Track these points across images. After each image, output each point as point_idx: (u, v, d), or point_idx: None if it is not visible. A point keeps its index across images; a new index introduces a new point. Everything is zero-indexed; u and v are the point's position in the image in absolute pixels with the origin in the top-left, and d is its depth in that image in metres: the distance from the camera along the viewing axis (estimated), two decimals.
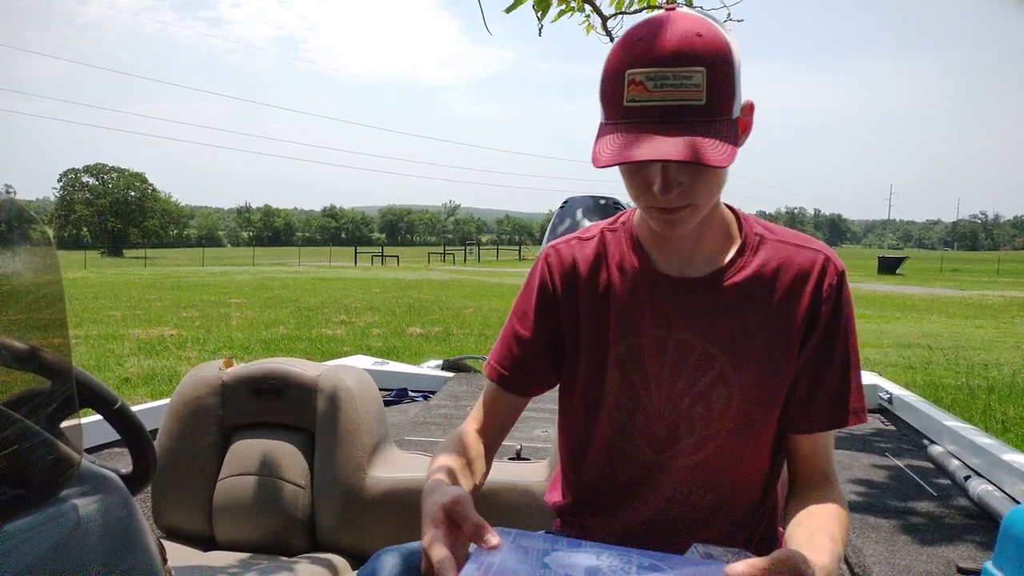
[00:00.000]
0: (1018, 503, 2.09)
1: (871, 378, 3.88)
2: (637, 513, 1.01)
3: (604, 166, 0.81)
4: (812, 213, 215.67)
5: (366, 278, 22.84)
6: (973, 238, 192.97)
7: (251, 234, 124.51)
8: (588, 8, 3.22)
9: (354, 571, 1.76)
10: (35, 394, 0.87)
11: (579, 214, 3.69)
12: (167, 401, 1.94)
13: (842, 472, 2.63)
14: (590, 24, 3.31)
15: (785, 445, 1.01)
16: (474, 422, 1.06)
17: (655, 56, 0.79)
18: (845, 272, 0.96)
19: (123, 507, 0.93)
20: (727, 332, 0.94)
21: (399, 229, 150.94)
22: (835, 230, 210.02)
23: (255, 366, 1.87)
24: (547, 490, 1.21)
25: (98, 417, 1.09)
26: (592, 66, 0.96)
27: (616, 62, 0.83)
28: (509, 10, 2.82)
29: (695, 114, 0.80)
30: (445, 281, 21.64)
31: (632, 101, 0.81)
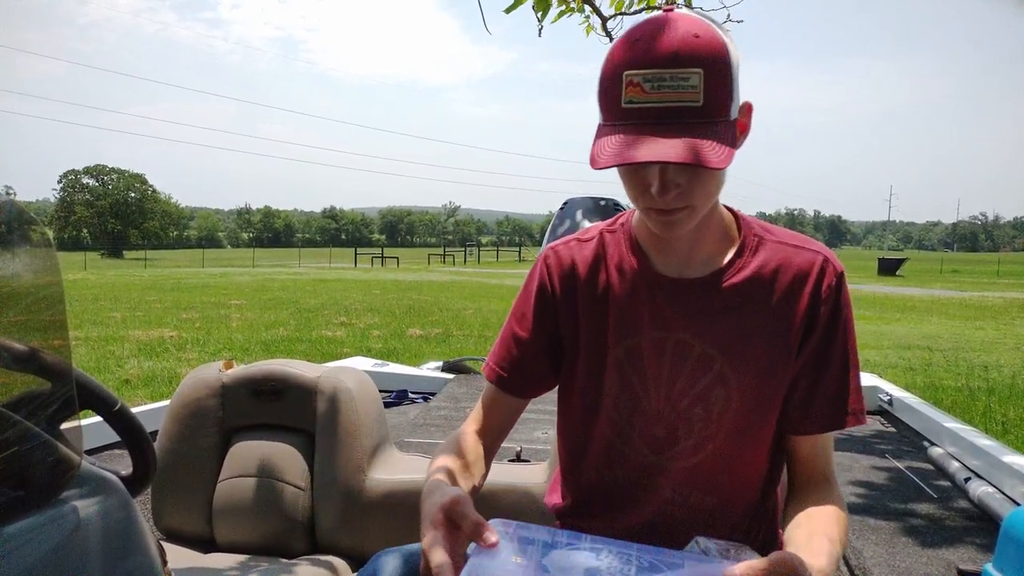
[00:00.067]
0: (1018, 505, 2.08)
1: (871, 379, 3.87)
2: (636, 515, 1.01)
3: (602, 168, 0.81)
4: (812, 214, 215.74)
5: (366, 279, 22.83)
6: (973, 239, 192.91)
7: (251, 235, 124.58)
8: (588, 9, 3.22)
9: (354, 573, 1.76)
10: (35, 396, 0.87)
11: (579, 215, 3.70)
12: (167, 403, 1.94)
13: (842, 474, 2.63)
14: (590, 25, 3.32)
15: (784, 447, 1.01)
16: (473, 423, 1.05)
17: (652, 57, 0.79)
18: (844, 273, 0.96)
19: (123, 509, 0.93)
20: (726, 333, 0.94)
21: (399, 230, 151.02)
22: (835, 231, 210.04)
23: (255, 368, 1.87)
24: (547, 492, 1.21)
25: (98, 419, 1.09)
26: (592, 67, 0.96)
27: (614, 63, 0.83)
28: (509, 10, 2.82)
29: (692, 115, 0.80)
30: (445, 282, 21.64)
31: (630, 103, 0.81)
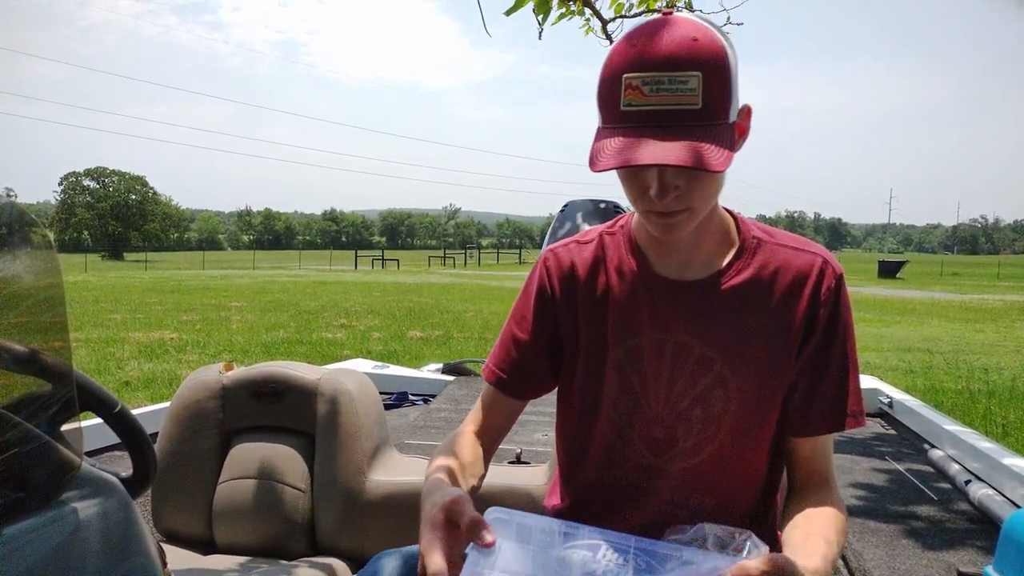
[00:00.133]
0: (1019, 507, 2.08)
1: (871, 382, 3.87)
2: (636, 516, 1.01)
3: (601, 170, 0.81)
4: (812, 217, 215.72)
5: (366, 282, 22.83)
6: (973, 242, 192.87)
7: (251, 237, 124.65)
8: (588, 11, 3.23)
9: (354, 575, 1.76)
10: (35, 397, 0.87)
11: (579, 218, 3.70)
12: (167, 404, 1.94)
13: (842, 476, 2.63)
14: (590, 27, 3.32)
15: (784, 448, 1.01)
16: (472, 424, 1.06)
17: (651, 60, 0.80)
18: (843, 275, 0.96)
19: (123, 510, 0.93)
20: (725, 335, 0.94)
21: (399, 233, 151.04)
22: (835, 234, 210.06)
23: (255, 369, 1.88)
24: (546, 494, 1.21)
25: (98, 420, 1.09)
26: (591, 70, 0.96)
27: (613, 66, 0.83)
28: (509, 12, 2.82)
29: (691, 118, 0.80)
30: (445, 285, 21.64)
31: (629, 105, 0.81)
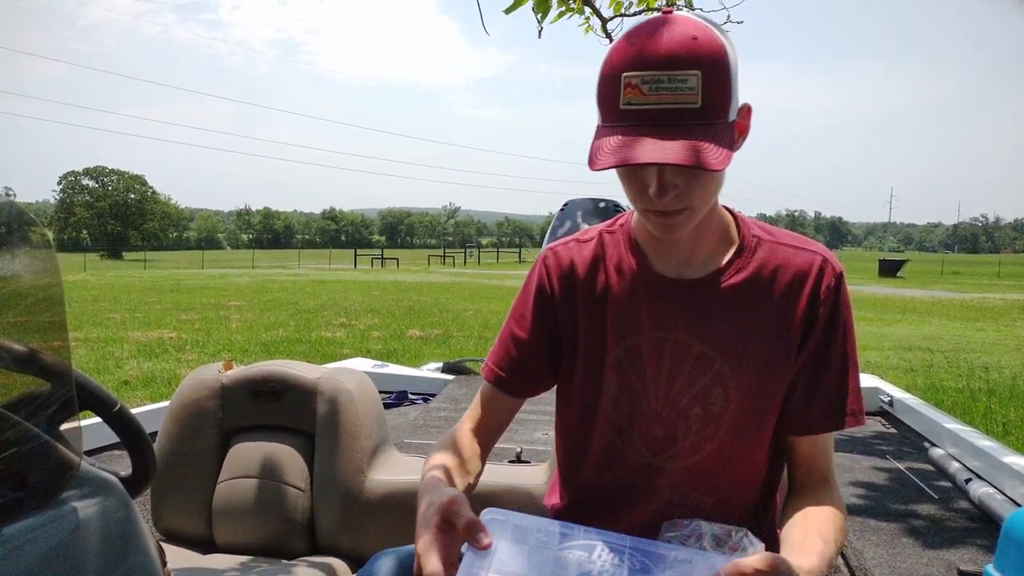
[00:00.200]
0: (1019, 506, 2.08)
1: (872, 381, 3.87)
2: (635, 515, 1.01)
3: (600, 169, 0.81)
4: (813, 216, 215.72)
5: (366, 281, 22.83)
6: (974, 241, 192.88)
7: (251, 236, 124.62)
8: (587, 10, 3.23)
9: (353, 574, 1.75)
10: (35, 396, 0.87)
11: (579, 216, 3.69)
12: (167, 404, 1.94)
13: (843, 475, 2.63)
14: (589, 26, 3.32)
15: (784, 447, 1.01)
16: (470, 421, 1.06)
17: (650, 59, 0.79)
18: (843, 274, 0.96)
19: (122, 510, 0.93)
20: (725, 334, 0.94)
21: (399, 232, 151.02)
22: (836, 233, 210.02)
23: (255, 368, 1.87)
24: (546, 493, 1.21)
25: (97, 420, 1.09)
26: (591, 69, 0.96)
27: (612, 65, 0.83)
28: (509, 11, 2.81)
29: (691, 117, 0.80)
30: (445, 283, 21.63)
31: (628, 104, 0.81)
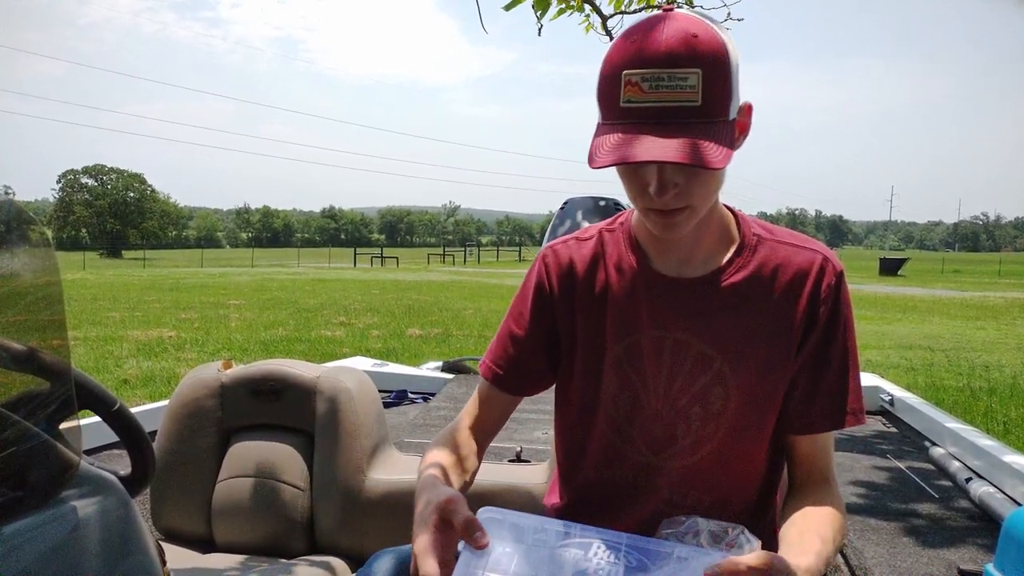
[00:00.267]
0: (1019, 505, 2.08)
1: (872, 380, 3.86)
2: (635, 514, 1.00)
3: (599, 167, 0.81)
4: (813, 214, 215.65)
5: (365, 279, 22.83)
6: (974, 239, 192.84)
7: (250, 235, 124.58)
8: (587, 7, 3.22)
9: (353, 573, 1.75)
10: (34, 395, 0.87)
11: (579, 215, 3.69)
12: (166, 403, 1.94)
13: (843, 474, 2.63)
14: (589, 24, 3.31)
15: (784, 446, 1.01)
16: (467, 419, 1.06)
17: (651, 57, 0.79)
18: (843, 272, 0.96)
19: (122, 509, 0.93)
20: (725, 333, 0.94)
21: (398, 230, 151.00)
22: (836, 231, 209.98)
23: (254, 368, 1.87)
24: (546, 492, 1.21)
25: (97, 419, 1.09)
26: (591, 67, 0.95)
27: (613, 63, 0.82)
28: (508, 7, 2.80)
29: (691, 115, 0.79)
30: (445, 282, 21.64)
31: (628, 102, 0.80)
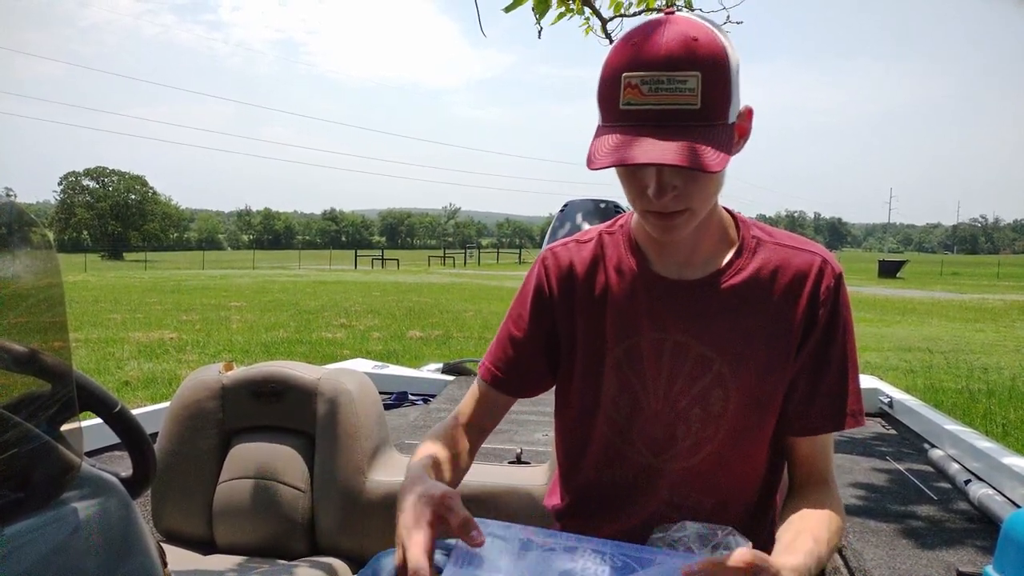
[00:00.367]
0: (1018, 507, 2.08)
1: (871, 382, 3.86)
2: (634, 516, 1.01)
3: (598, 168, 0.81)
4: (812, 216, 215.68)
5: (366, 281, 22.83)
6: (973, 242, 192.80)
7: (251, 237, 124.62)
8: (587, 11, 3.22)
9: (354, 574, 1.75)
10: (35, 397, 0.87)
11: (579, 217, 3.70)
12: (167, 404, 1.94)
13: (842, 476, 2.63)
14: (589, 27, 3.32)
15: (784, 448, 1.01)
16: (463, 417, 1.07)
17: (650, 60, 0.80)
18: (842, 274, 0.97)
19: (123, 510, 0.93)
20: (724, 334, 0.95)
21: (399, 232, 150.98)
22: (835, 234, 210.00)
23: (255, 369, 1.87)
24: (546, 494, 1.21)
25: (98, 420, 1.09)
26: (591, 69, 0.94)
27: (613, 65, 0.83)
28: (508, 9, 2.81)
29: (690, 118, 0.80)
30: (445, 284, 21.63)
31: (628, 104, 0.81)
